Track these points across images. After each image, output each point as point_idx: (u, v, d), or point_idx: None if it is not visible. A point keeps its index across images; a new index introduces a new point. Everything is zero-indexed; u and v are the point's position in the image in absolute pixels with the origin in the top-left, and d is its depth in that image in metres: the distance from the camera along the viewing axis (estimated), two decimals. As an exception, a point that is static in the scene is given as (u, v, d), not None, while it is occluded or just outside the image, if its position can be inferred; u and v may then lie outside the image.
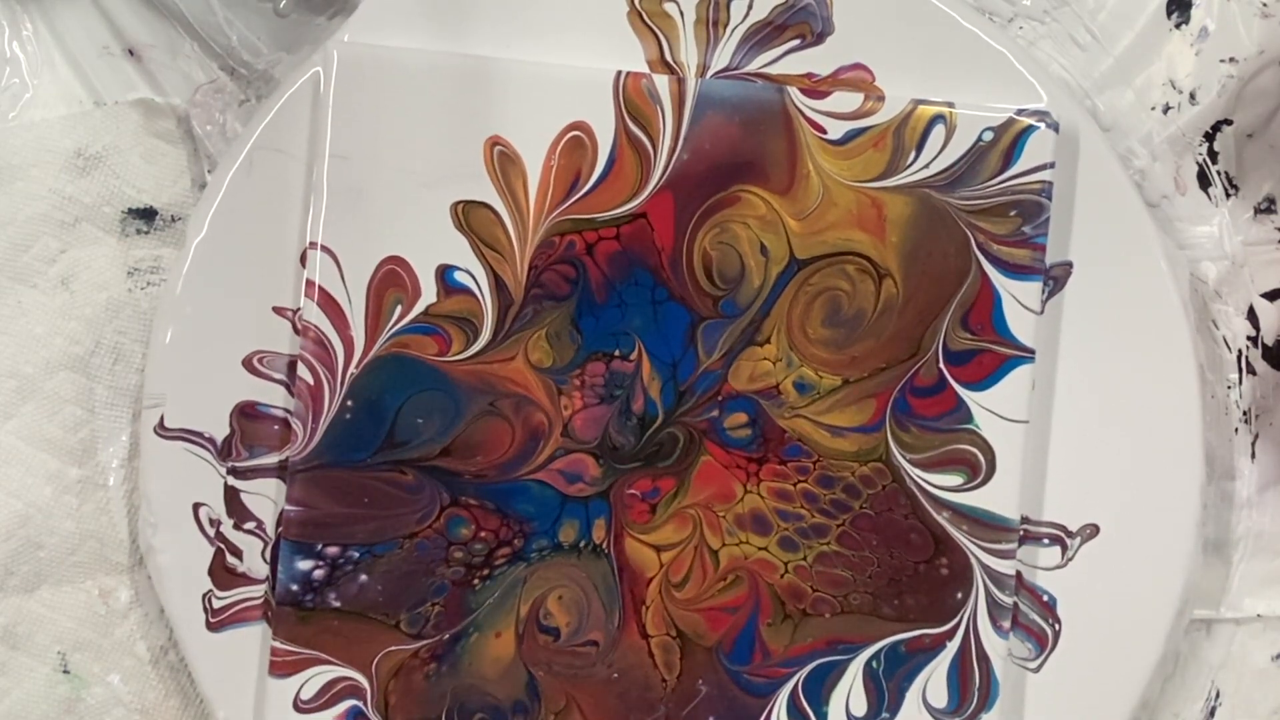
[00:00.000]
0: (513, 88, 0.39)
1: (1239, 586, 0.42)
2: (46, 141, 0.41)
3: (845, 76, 0.40)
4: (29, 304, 0.41)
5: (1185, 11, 0.41)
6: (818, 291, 0.39)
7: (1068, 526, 0.40)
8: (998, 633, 0.39)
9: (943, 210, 0.39)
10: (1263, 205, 0.41)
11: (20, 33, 0.41)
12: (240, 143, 0.40)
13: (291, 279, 0.40)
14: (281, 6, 0.42)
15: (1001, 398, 0.39)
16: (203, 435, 0.40)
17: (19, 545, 0.40)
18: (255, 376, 0.40)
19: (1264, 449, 0.42)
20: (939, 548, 0.39)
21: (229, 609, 0.40)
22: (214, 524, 0.40)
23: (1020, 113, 0.39)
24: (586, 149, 0.39)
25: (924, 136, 0.39)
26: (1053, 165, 0.38)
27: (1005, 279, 0.39)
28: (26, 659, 0.41)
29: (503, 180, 0.39)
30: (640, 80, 0.39)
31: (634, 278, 0.39)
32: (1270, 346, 0.41)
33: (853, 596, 0.40)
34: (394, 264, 0.39)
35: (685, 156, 0.39)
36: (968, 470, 0.39)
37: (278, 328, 0.40)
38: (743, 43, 0.40)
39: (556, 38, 0.40)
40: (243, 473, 0.40)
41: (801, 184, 0.39)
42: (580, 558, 0.40)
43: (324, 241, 0.39)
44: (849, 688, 0.40)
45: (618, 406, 0.40)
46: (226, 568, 0.40)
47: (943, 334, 0.39)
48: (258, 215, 0.40)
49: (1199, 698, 0.42)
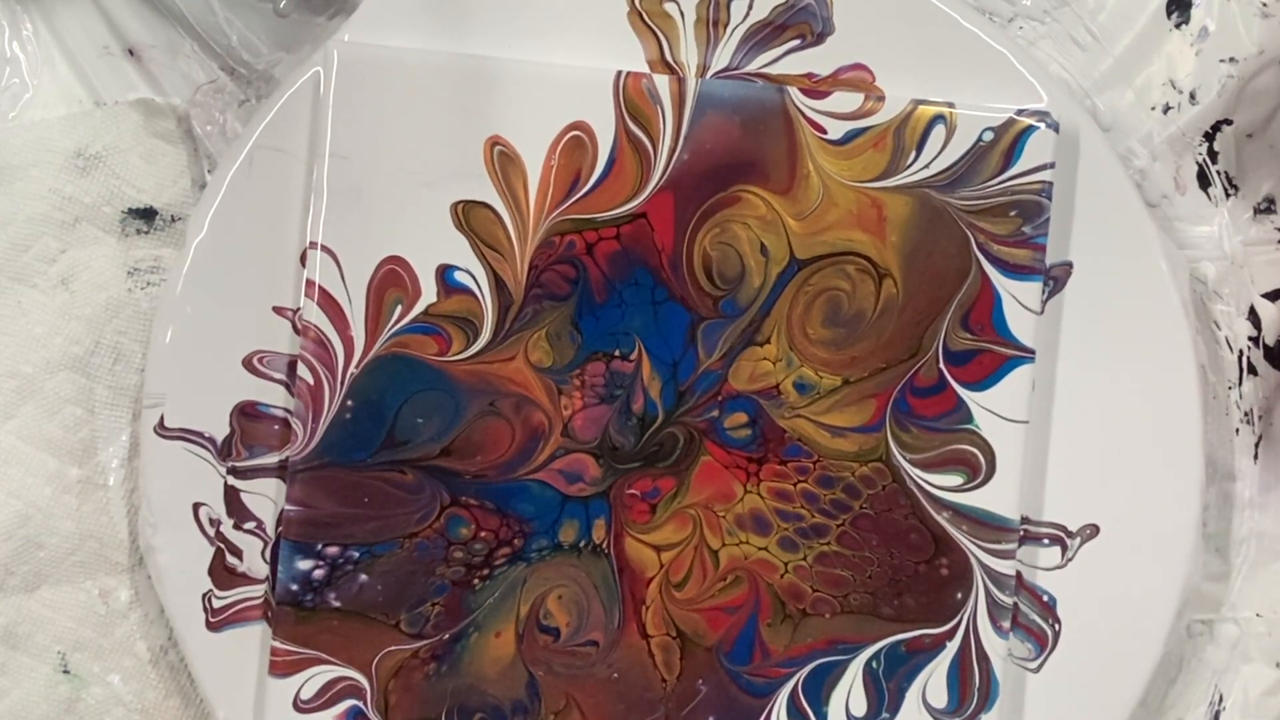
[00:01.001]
0: (513, 88, 0.39)
1: (1241, 588, 0.42)
2: (46, 141, 0.41)
3: (845, 76, 0.40)
4: (29, 304, 0.41)
5: (1185, 11, 0.41)
6: (818, 291, 0.39)
7: (1068, 527, 0.40)
8: (998, 633, 0.39)
9: (943, 210, 0.39)
10: (1262, 205, 0.41)
11: (20, 33, 0.41)
12: (240, 143, 0.40)
13: (291, 279, 0.40)
14: (281, 6, 0.42)
15: (1001, 398, 0.39)
16: (203, 435, 0.40)
17: (19, 545, 0.40)
18: (255, 376, 0.40)
19: (1267, 450, 0.42)
20: (939, 548, 0.39)
21: (229, 609, 0.40)
22: (214, 524, 0.40)
23: (1020, 113, 0.39)
24: (587, 149, 0.39)
25: (924, 137, 0.39)
26: (1053, 165, 0.38)
27: (1005, 279, 0.39)
28: (26, 659, 0.41)
29: (503, 180, 0.39)
30: (640, 80, 0.39)
31: (634, 278, 0.39)
32: (1271, 346, 0.41)
33: (853, 596, 0.40)
34: (394, 264, 0.39)
35: (685, 156, 0.39)
36: (968, 470, 0.39)
37: (278, 328, 0.40)
38: (743, 43, 0.40)
39: (556, 38, 0.40)
40: (243, 472, 0.40)
41: (802, 184, 0.39)
42: (580, 558, 0.40)
43: (324, 241, 0.39)
44: (849, 688, 0.40)
45: (618, 406, 0.40)
46: (226, 567, 0.40)
47: (943, 334, 0.39)
48: (258, 215, 0.40)
49: (1202, 701, 0.42)
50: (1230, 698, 0.41)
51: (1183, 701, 0.42)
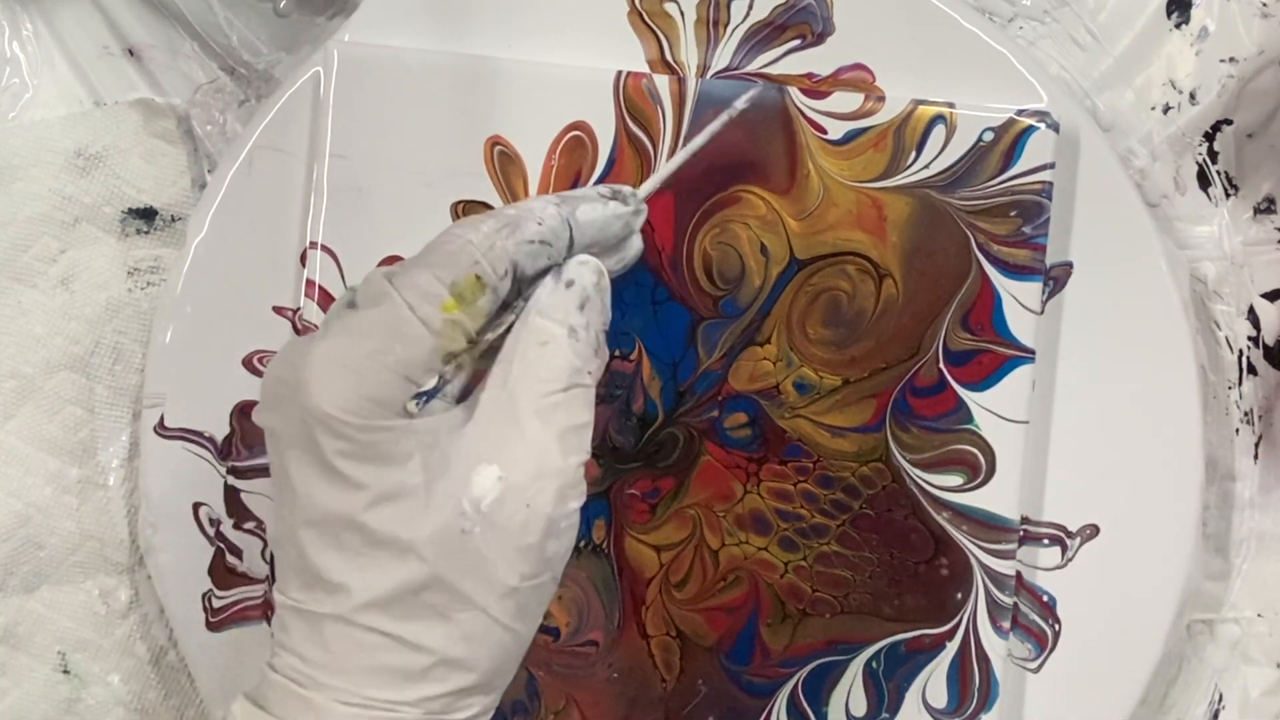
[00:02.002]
0: (513, 88, 0.39)
1: (1242, 588, 0.42)
2: (46, 141, 0.41)
3: (846, 77, 0.40)
4: (29, 304, 0.41)
5: (1185, 11, 0.41)
6: (818, 291, 0.39)
7: (1068, 527, 0.40)
8: (997, 633, 0.39)
9: (943, 210, 0.39)
10: (1262, 205, 0.41)
11: (20, 33, 0.41)
12: (240, 142, 0.40)
13: (291, 279, 0.40)
14: (281, 6, 0.42)
15: (1001, 398, 0.39)
16: (203, 435, 0.40)
17: (19, 545, 0.40)
18: (255, 376, 0.40)
19: (1267, 450, 0.42)
20: (939, 548, 0.39)
21: (229, 609, 0.40)
22: (214, 523, 0.40)
23: (1020, 113, 0.39)
24: (587, 149, 0.39)
25: (924, 137, 0.39)
26: (1053, 166, 0.38)
27: (1005, 279, 0.39)
28: (26, 659, 0.41)
29: (503, 180, 0.39)
30: (641, 80, 0.39)
31: (634, 277, 0.39)
32: (1271, 346, 0.41)
33: (852, 596, 0.40)
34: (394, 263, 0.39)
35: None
36: (968, 470, 0.39)
37: (278, 327, 0.40)
38: (743, 43, 0.40)
39: (556, 38, 0.40)
40: (243, 472, 0.40)
41: (802, 184, 0.39)
42: (580, 557, 0.40)
43: (324, 241, 0.39)
44: (849, 688, 0.40)
45: (618, 406, 0.40)
46: (227, 567, 0.40)
47: (943, 334, 0.39)
48: (258, 215, 0.40)
49: (1202, 700, 0.42)
50: (1230, 697, 0.41)
51: (1183, 701, 0.42)
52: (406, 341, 0.28)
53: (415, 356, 0.28)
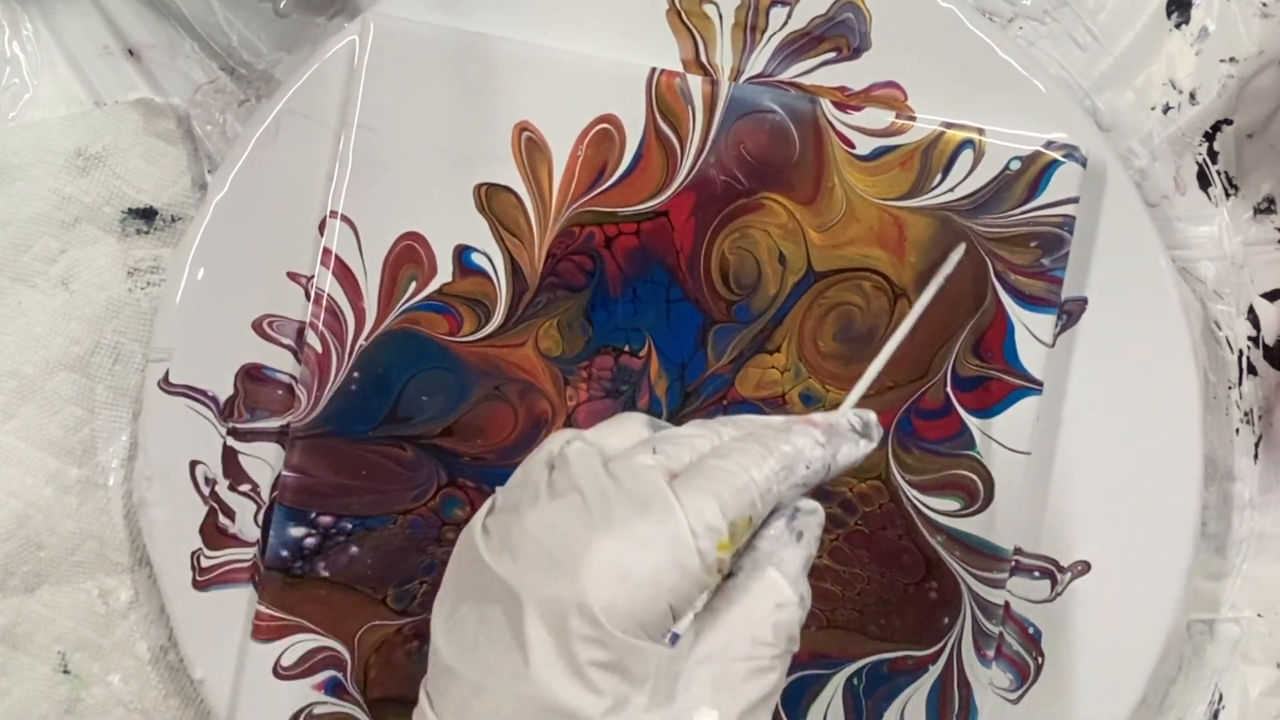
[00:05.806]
0: (546, 75, 0.39)
1: (1241, 588, 0.42)
2: (46, 141, 0.40)
3: (878, 93, 0.40)
4: (29, 304, 0.40)
5: (1185, 11, 0.41)
6: (832, 305, 0.39)
7: (1059, 561, 0.40)
8: (981, 661, 0.39)
9: (964, 235, 0.39)
10: (1262, 205, 0.41)
11: (20, 33, 0.41)
12: (269, 105, 0.40)
13: (308, 246, 0.40)
14: (281, 6, 0.42)
15: (1006, 427, 0.39)
16: (206, 394, 0.40)
17: (19, 545, 0.40)
18: (264, 340, 0.40)
19: (1267, 450, 0.42)
20: (930, 571, 0.39)
21: (217, 569, 0.40)
22: (209, 483, 0.40)
23: (1049, 145, 0.39)
24: (614, 142, 0.39)
25: (951, 160, 0.39)
26: (1077, 200, 0.38)
27: (1020, 309, 0.39)
28: (26, 659, 0.41)
29: (528, 166, 0.39)
30: (674, 79, 0.39)
31: (650, 275, 0.39)
32: (1271, 346, 0.41)
33: (839, 612, 0.40)
34: (412, 240, 0.39)
35: (712, 158, 0.39)
36: (965, 496, 0.39)
37: (290, 293, 0.40)
38: (779, 50, 0.40)
39: (593, 29, 0.40)
40: (243, 434, 0.40)
41: (826, 196, 0.39)
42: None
43: (344, 211, 0.39)
44: (828, 702, 0.40)
45: (623, 402, 0.40)
46: (218, 527, 0.40)
47: (953, 359, 0.39)
48: (280, 179, 0.40)
49: (1202, 700, 0.42)
50: (1230, 697, 0.41)
51: (1183, 701, 0.42)
52: (683, 571, 0.28)
53: (685, 590, 0.28)
